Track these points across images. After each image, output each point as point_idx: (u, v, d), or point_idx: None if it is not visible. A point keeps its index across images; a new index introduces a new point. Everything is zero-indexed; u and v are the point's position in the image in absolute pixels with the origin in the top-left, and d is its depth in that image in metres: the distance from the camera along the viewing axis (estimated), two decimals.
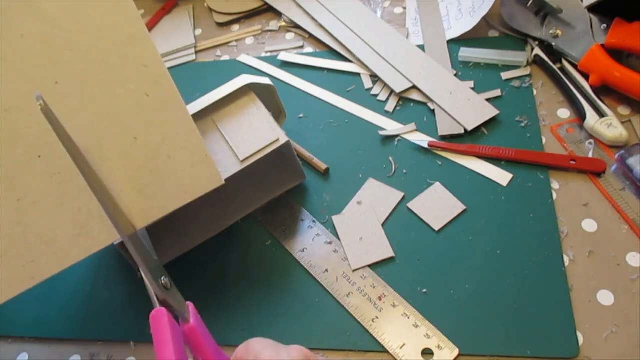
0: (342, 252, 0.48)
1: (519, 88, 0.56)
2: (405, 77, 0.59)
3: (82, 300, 0.50)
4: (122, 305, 0.49)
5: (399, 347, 0.42)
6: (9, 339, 0.50)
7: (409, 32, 0.64)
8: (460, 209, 0.48)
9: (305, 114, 0.59)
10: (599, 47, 0.51)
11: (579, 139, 0.51)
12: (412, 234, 0.48)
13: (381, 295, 0.45)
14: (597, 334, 0.40)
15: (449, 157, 0.52)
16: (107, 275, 0.52)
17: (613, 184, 0.47)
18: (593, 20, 0.54)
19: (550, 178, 0.49)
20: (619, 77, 0.49)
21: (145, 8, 0.80)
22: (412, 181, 0.51)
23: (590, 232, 0.45)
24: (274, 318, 0.46)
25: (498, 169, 0.50)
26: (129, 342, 0.47)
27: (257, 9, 0.73)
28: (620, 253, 0.43)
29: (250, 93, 0.50)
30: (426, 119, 0.56)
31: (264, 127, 0.48)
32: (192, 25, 0.75)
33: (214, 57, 0.70)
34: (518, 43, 0.59)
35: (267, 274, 0.48)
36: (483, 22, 0.60)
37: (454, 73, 0.58)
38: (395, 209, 0.50)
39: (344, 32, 0.65)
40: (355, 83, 0.61)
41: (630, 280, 0.42)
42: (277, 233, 0.51)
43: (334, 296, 0.46)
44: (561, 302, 0.42)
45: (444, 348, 0.41)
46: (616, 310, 0.41)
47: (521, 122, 0.53)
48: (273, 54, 0.67)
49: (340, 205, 0.51)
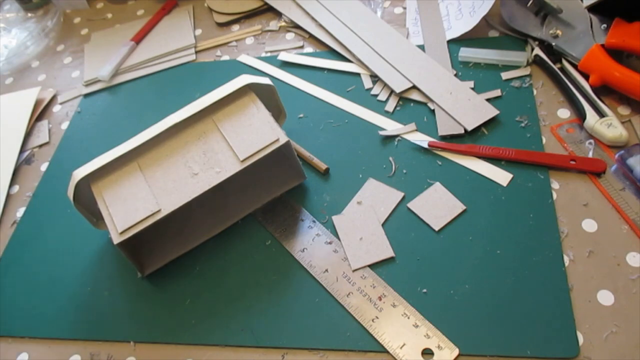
0: (342, 252, 0.48)
1: (519, 88, 0.56)
2: (405, 77, 0.59)
3: (82, 300, 0.50)
4: (122, 305, 0.49)
5: (399, 347, 0.42)
6: (9, 339, 0.50)
7: (409, 32, 0.64)
8: (460, 209, 0.48)
9: (305, 114, 0.59)
10: (599, 47, 0.51)
11: (579, 139, 0.51)
12: (412, 234, 0.48)
13: (381, 295, 0.45)
14: (597, 334, 0.40)
15: (449, 157, 0.52)
16: (107, 275, 0.52)
17: (613, 184, 0.47)
18: (593, 20, 0.54)
19: (550, 178, 0.49)
20: (619, 77, 0.49)
21: (145, 8, 0.80)
22: (412, 181, 0.51)
23: (590, 232, 0.45)
24: (274, 318, 0.46)
25: (498, 169, 0.50)
26: (129, 342, 0.47)
27: (257, 9, 0.73)
28: (620, 253, 0.43)
29: (250, 93, 0.50)
30: (426, 119, 0.56)
31: (264, 127, 0.48)
32: (192, 25, 0.75)
33: (214, 57, 0.70)
34: (518, 43, 0.59)
35: (267, 274, 0.48)
36: (483, 22, 0.60)
37: (454, 73, 0.58)
38: (395, 209, 0.50)
39: (344, 32, 0.65)
40: (355, 83, 0.61)
41: (630, 280, 0.42)
42: (277, 233, 0.51)
43: (334, 296, 0.46)
44: (561, 302, 0.42)
45: (444, 348, 0.41)
46: (616, 310, 0.41)
47: (521, 122, 0.53)
48: (273, 54, 0.67)
49: (340, 205, 0.51)
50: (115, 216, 0.45)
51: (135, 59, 0.72)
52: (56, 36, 0.81)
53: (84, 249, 0.54)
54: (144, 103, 0.67)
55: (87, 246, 0.54)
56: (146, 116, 0.64)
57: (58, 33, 0.81)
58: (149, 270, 0.49)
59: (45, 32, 0.80)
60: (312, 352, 0.43)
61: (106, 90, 0.70)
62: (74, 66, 0.75)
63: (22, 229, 0.58)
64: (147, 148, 0.48)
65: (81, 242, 0.55)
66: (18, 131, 0.67)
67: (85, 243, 0.54)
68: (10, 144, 0.66)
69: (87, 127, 0.66)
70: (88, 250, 0.54)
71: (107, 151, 0.48)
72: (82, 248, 0.54)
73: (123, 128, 0.65)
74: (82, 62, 0.75)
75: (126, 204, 0.46)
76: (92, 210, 0.51)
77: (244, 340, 0.45)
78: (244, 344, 0.45)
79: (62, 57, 0.77)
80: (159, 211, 0.45)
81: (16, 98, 0.72)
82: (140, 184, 0.47)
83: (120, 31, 0.77)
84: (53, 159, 0.64)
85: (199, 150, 0.48)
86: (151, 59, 0.71)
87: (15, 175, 0.64)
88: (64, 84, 0.73)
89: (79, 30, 0.81)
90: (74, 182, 0.47)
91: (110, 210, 0.46)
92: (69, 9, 0.85)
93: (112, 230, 0.45)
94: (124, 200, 0.46)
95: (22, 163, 0.65)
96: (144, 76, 0.70)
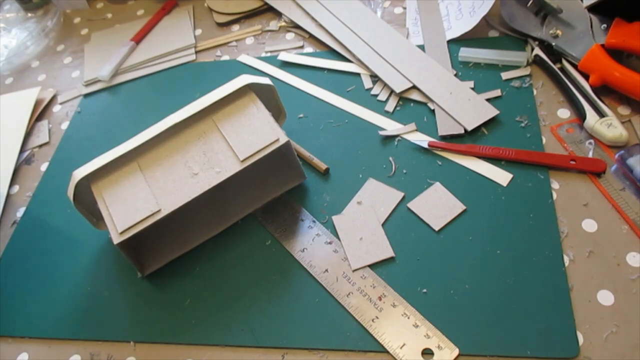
0: (342, 252, 0.48)
1: (519, 88, 0.56)
2: (405, 77, 0.59)
3: (82, 300, 0.50)
4: (122, 305, 0.49)
5: (399, 347, 0.42)
6: (9, 339, 0.50)
7: (409, 32, 0.64)
8: (460, 209, 0.48)
9: (305, 114, 0.59)
10: (599, 47, 0.51)
11: (579, 139, 0.51)
12: (412, 234, 0.48)
13: (381, 295, 0.45)
14: (597, 334, 0.40)
15: (449, 157, 0.52)
16: (107, 275, 0.52)
17: (613, 184, 0.47)
18: (593, 20, 0.54)
19: (550, 178, 0.49)
20: (619, 77, 0.49)
21: (145, 8, 0.80)
22: (412, 181, 0.51)
23: (590, 232, 0.45)
24: (274, 318, 0.46)
25: (498, 169, 0.50)
26: (129, 342, 0.47)
27: (257, 9, 0.73)
28: (620, 253, 0.43)
29: (250, 93, 0.50)
30: (426, 119, 0.56)
31: (264, 127, 0.48)
32: (192, 25, 0.75)
33: (214, 57, 0.70)
34: (518, 43, 0.59)
35: (267, 274, 0.48)
36: (483, 22, 0.60)
37: (454, 73, 0.58)
38: (395, 209, 0.50)
39: (344, 32, 0.65)
40: (355, 83, 0.61)
41: (630, 280, 0.42)
42: (277, 233, 0.51)
43: (334, 296, 0.46)
44: (561, 302, 0.42)
45: (444, 348, 0.41)
46: (616, 310, 0.41)
47: (521, 122, 0.53)
48: (273, 54, 0.67)
49: (340, 205, 0.51)
50: (115, 216, 0.45)
51: (135, 59, 0.72)
52: (56, 36, 0.81)
53: (84, 249, 0.54)
54: (144, 103, 0.67)
55: (87, 246, 0.54)
56: (146, 116, 0.64)
57: (58, 33, 0.81)
58: (149, 270, 0.49)
59: (45, 32, 0.80)
60: (312, 352, 0.43)
61: (106, 90, 0.70)
62: (74, 66, 0.75)
63: (22, 229, 0.58)
64: (147, 148, 0.48)
65: (81, 242, 0.55)
66: (18, 131, 0.67)
67: (85, 243, 0.54)
68: (11, 144, 0.66)
69: (87, 127, 0.66)
70: (88, 250, 0.54)
71: (107, 151, 0.48)
72: (82, 248, 0.54)
73: (123, 128, 0.65)
74: (82, 62, 0.75)
75: (126, 204, 0.46)
76: (92, 210, 0.51)
77: (244, 340, 0.45)
78: (244, 344, 0.45)
79: (62, 57, 0.77)
80: (159, 211, 0.45)
81: (16, 98, 0.72)
82: (140, 184, 0.47)
83: (120, 31, 0.77)
84: (53, 159, 0.64)
85: (199, 150, 0.48)
86: (151, 59, 0.71)
87: (15, 175, 0.63)
88: (64, 84, 0.73)
89: (79, 30, 0.81)
90: (74, 182, 0.47)
91: (110, 210, 0.46)
92: (69, 9, 0.85)
93: (112, 230, 0.45)
94: (124, 200, 0.46)
95: (22, 163, 0.65)
96: (144, 76, 0.70)
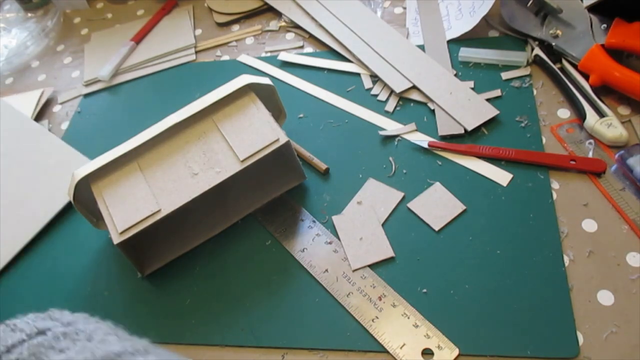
0: (342, 252, 0.48)
1: (519, 88, 0.56)
2: (405, 77, 0.59)
3: (82, 300, 0.50)
4: (122, 305, 0.49)
5: (399, 347, 0.42)
6: None
7: (409, 32, 0.64)
8: (460, 209, 0.48)
9: (305, 114, 0.59)
10: (599, 47, 0.51)
11: (579, 139, 0.51)
12: (412, 234, 0.48)
13: (381, 295, 0.45)
14: (597, 334, 0.40)
15: (449, 157, 0.52)
16: (107, 275, 0.52)
17: (613, 184, 0.47)
18: (593, 20, 0.54)
19: (550, 178, 0.49)
20: (619, 77, 0.49)
21: (145, 8, 0.80)
22: (412, 181, 0.51)
23: (590, 232, 0.45)
24: (274, 318, 0.46)
25: (498, 169, 0.50)
26: None
27: (257, 9, 0.73)
28: (620, 253, 0.43)
29: (250, 93, 0.50)
30: (426, 119, 0.56)
31: (264, 127, 0.48)
32: (192, 25, 0.75)
33: (214, 57, 0.70)
34: (518, 43, 0.59)
35: (267, 274, 0.48)
36: (483, 22, 0.60)
37: (454, 73, 0.58)
38: (395, 209, 0.50)
39: (344, 32, 0.65)
40: (355, 83, 0.61)
41: (630, 280, 0.42)
42: (277, 233, 0.51)
43: (334, 296, 0.46)
44: (561, 302, 0.42)
45: (444, 348, 0.41)
46: (616, 310, 0.41)
47: (521, 122, 0.53)
48: (273, 54, 0.67)
49: (340, 205, 0.51)
50: (115, 216, 0.45)
51: (135, 59, 0.72)
52: (56, 36, 0.81)
53: (83, 249, 0.54)
54: (144, 103, 0.67)
55: (87, 246, 0.54)
56: (146, 116, 0.64)
57: (58, 33, 0.81)
58: (149, 270, 0.49)
59: (45, 32, 0.80)
60: (312, 352, 0.43)
61: (106, 90, 0.70)
62: (74, 66, 0.75)
63: None
64: (147, 148, 0.48)
65: (81, 242, 0.55)
66: None
67: (85, 243, 0.54)
68: None
69: (87, 127, 0.66)
70: (88, 250, 0.54)
71: (107, 151, 0.48)
72: (82, 248, 0.54)
73: (123, 128, 0.65)
74: (82, 62, 0.75)
75: (126, 204, 0.46)
76: (92, 210, 0.51)
77: (244, 340, 0.45)
78: (244, 344, 0.45)
79: (62, 57, 0.77)
80: (159, 211, 0.45)
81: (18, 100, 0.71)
82: (140, 184, 0.47)
83: (120, 31, 0.77)
84: None
85: (199, 150, 0.48)
86: (151, 59, 0.71)
87: None
88: (64, 84, 0.73)
89: (79, 30, 0.81)
90: (74, 182, 0.47)
91: (110, 210, 0.46)
92: (69, 9, 0.85)
93: (112, 230, 0.45)
94: (124, 200, 0.46)
95: None
96: (144, 76, 0.70)
